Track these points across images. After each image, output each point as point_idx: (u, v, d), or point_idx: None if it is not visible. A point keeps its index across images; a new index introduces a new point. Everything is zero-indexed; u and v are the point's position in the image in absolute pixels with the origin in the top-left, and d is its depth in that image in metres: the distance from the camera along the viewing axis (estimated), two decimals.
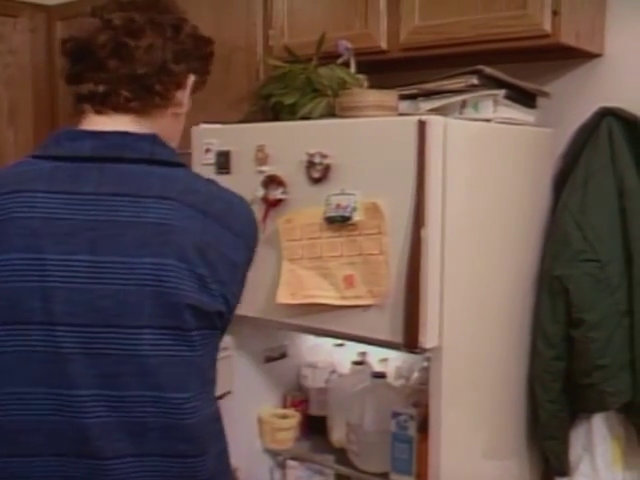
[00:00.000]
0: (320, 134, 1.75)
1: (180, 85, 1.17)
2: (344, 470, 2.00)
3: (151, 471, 1.07)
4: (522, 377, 1.97)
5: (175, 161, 1.14)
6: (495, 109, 1.80)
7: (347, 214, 1.67)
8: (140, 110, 1.14)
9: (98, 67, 1.12)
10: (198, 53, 1.20)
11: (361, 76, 1.93)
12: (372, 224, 1.65)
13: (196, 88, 1.23)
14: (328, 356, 2.25)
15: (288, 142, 1.79)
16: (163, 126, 1.17)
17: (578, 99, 2.04)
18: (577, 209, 1.90)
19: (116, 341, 1.04)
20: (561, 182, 2.00)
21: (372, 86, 1.90)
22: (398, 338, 1.63)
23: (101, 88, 1.12)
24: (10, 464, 1.06)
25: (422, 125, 1.57)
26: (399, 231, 1.62)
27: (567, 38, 1.83)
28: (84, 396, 1.04)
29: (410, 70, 2.11)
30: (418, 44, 1.99)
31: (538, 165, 1.98)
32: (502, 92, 1.80)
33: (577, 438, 1.96)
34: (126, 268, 1.04)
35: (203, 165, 1.95)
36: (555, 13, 1.77)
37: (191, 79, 1.19)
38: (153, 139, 1.13)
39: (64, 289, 1.04)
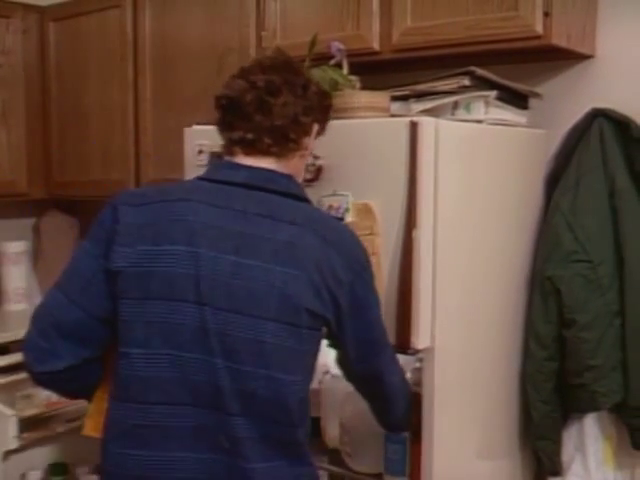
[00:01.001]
0: None
1: (307, 133, 1.46)
2: (337, 471, 1.99)
3: (257, 432, 1.34)
4: (514, 377, 1.98)
5: (303, 196, 1.46)
6: (487, 110, 1.81)
7: (339, 215, 1.67)
8: (279, 153, 1.43)
9: (246, 119, 1.41)
10: (320, 106, 1.49)
11: (353, 77, 1.93)
12: (364, 225, 1.65)
13: (318, 134, 1.52)
14: (321, 357, 2.24)
15: None
16: (293, 165, 1.47)
17: (569, 100, 2.05)
18: (569, 210, 1.91)
19: (244, 326, 1.32)
20: (553, 183, 2.01)
21: (364, 87, 1.90)
22: (390, 339, 1.63)
23: (249, 136, 1.41)
24: (154, 410, 1.34)
25: (414, 126, 1.57)
26: (391, 232, 1.62)
27: (558, 39, 1.84)
28: (219, 364, 1.32)
29: (402, 71, 2.12)
30: (410, 45, 2.00)
31: (530, 166, 1.99)
32: (494, 93, 1.80)
33: (569, 438, 1.97)
34: (260, 271, 1.32)
35: (196, 166, 1.95)
36: (546, 14, 1.78)
37: (315, 127, 1.49)
38: (289, 177, 1.44)
39: (211, 279, 1.32)
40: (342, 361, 1.56)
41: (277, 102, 1.40)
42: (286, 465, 1.38)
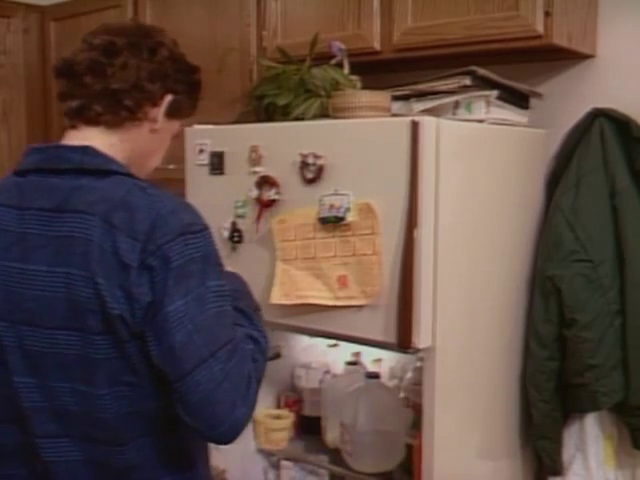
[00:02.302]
0: (313, 135, 1.75)
1: (154, 102, 1.25)
2: (338, 470, 2.00)
3: (75, 451, 1.19)
4: (515, 377, 1.98)
5: (104, 169, 1.20)
6: (488, 110, 1.81)
7: (340, 214, 1.68)
8: (111, 123, 1.23)
9: (76, 83, 1.22)
10: (178, 76, 1.28)
11: (354, 77, 1.94)
12: (365, 224, 1.65)
13: (181, 113, 1.32)
14: (322, 356, 2.25)
15: (281, 143, 1.79)
16: (137, 141, 1.27)
17: (570, 100, 2.05)
18: (569, 209, 1.91)
19: (38, 338, 1.17)
20: (553, 182, 2.01)
21: (365, 87, 1.90)
22: (391, 338, 1.64)
23: (75, 103, 1.23)
24: None
25: (415, 126, 1.57)
26: (392, 231, 1.62)
27: (559, 39, 1.84)
28: (20, 382, 1.19)
29: (403, 71, 2.12)
30: (411, 45, 2.00)
31: (531, 166, 1.99)
32: (495, 93, 1.80)
33: (570, 437, 1.97)
34: (45, 276, 1.16)
35: (197, 166, 1.95)
36: (547, 14, 1.78)
37: (168, 98, 1.26)
38: (84, 149, 1.20)
39: (4, 290, 1.19)
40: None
41: (114, 63, 1.21)
42: None
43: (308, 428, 2.19)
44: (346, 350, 2.18)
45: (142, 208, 1.14)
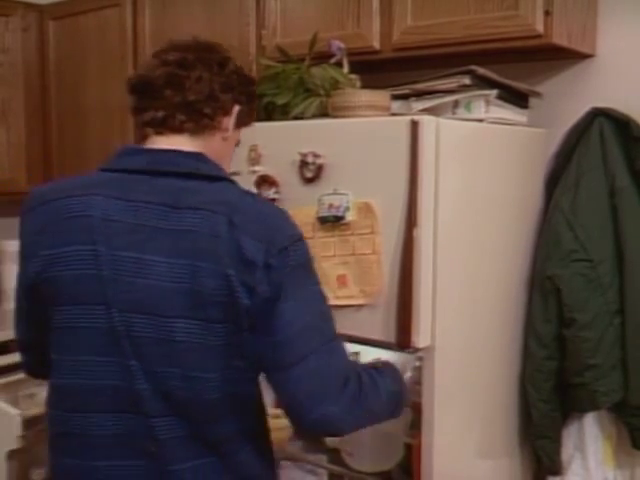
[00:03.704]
0: (313, 134, 1.75)
1: (227, 112, 1.35)
2: (337, 470, 1.99)
3: (179, 428, 1.27)
4: (514, 377, 1.98)
5: (216, 175, 1.31)
6: (487, 109, 1.81)
7: (340, 214, 1.67)
8: (193, 130, 1.33)
9: (156, 96, 1.31)
10: (242, 88, 1.38)
11: (353, 76, 1.93)
12: (365, 224, 1.65)
13: (243, 122, 1.42)
14: None
15: (281, 142, 1.79)
16: (214, 148, 1.36)
17: (570, 99, 2.04)
18: (569, 209, 1.91)
19: (151, 326, 1.23)
20: (553, 182, 2.01)
21: (364, 86, 1.90)
22: (391, 338, 1.63)
23: (160, 114, 1.32)
24: (72, 419, 1.30)
25: (415, 125, 1.57)
26: (392, 231, 1.62)
27: (559, 38, 1.84)
28: (134, 366, 1.25)
29: (402, 70, 2.12)
30: (410, 44, 2.00)
31: (530, 165, 1.99)
32: (494, 92, 1.80)
33: (569, 437, 1.97)
34: (163, 266, 1.22)
35: None
36: (547, 13, 1.78)
37: (236, 109, 1.37)
38: (198, 156, 1.31)
39: (113, 279, 1.24)
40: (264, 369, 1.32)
41: (190, 75, 1.31)
42: (216, 461, 1.31)
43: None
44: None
45: (259, 213, 1.27)
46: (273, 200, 1.79)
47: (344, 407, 1.27)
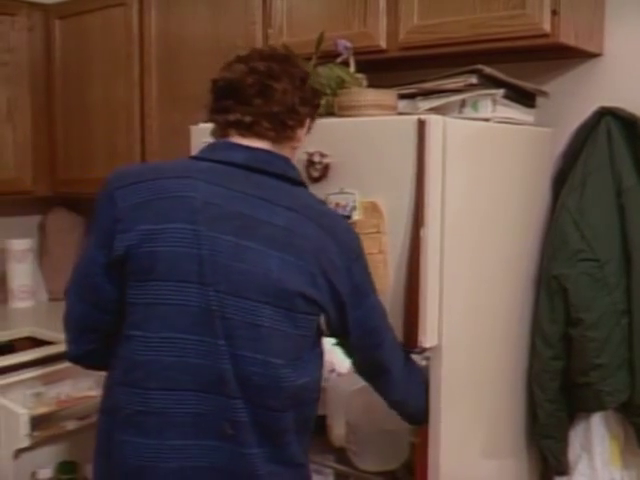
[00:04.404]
0: (319, 133, 1.74)
1: (302, 124, 1.48)
2: (343, 469, 1.99)
3: (251, 416, 1.33)
4: (521, 376, 1.97)
5: (299, 180, 1.46)
6: (494, 108, 1.80)
7: (346, 213, 1.67)
8: (275, 138, 1.43)
9: (246, 102, 1.40)
10: (314, 102, 1.51)
11: (360, 75, 1.93)
12: (371, 223, 1.65)
13: (308, 130, 1.53)
14: (327, 355, 2.24)
15: None
16: (286, 155, 1.46)
17: (577, 99, 2.04)
18: (575, 208, 1.90)
19: (242, 309, 1.31)
20: (560, 181, 2.01)
21: (371, 85, 1.90)
22: (397, 337, 1.63)
23: (247, 118, 1.40)
24: (153, 397, 1.33)
25: (422, 124, 1.57)
26: (398, 230, 1.62)
27: (566, 38, 1.84)
28: (222, 346, 1.31)
29: (409, 69, 2.11)
30: (417, 43, 2.00)
31: (537, 164, 1.98)
32: (501, 92, 1.80)
33: (575, 437, 1.96)
34: (258, 254, 1.31)
35: None
36: (554, 13, 1.78)
37: (308, 121, 1.50)
38: (287, 160, 1.45)
39: (211, 259, 1.31)
40: (347, 352, 1.57)
41: (278, 87, 1.40)
42: (274, 451, 1.37)
43: (314, 427, 2.19)
44: None
45: (338, 221, 1.47)
46: None
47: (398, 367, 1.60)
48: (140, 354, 1.34)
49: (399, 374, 1.59)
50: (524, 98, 1.91)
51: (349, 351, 1.56)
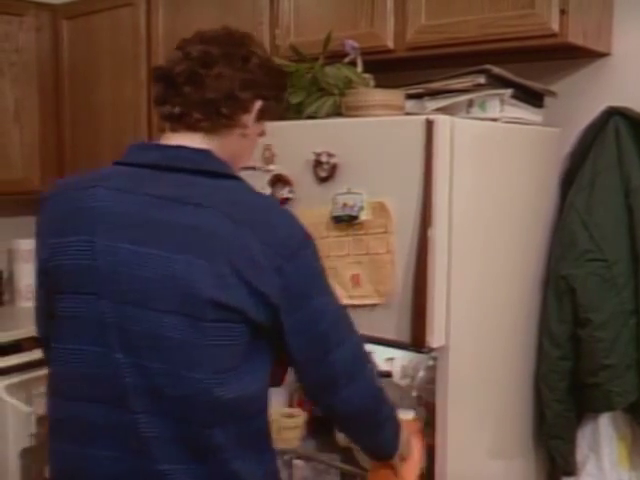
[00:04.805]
0: (327, 133, 1.74)
1: (246, 109, 1.33)
2: (350, 469, 1.99)
3: (166, 429, 1.23)
4: (528, 376, 1.97)
5: (224, 172, 1.30)
6: (502, 108, 1.80)
7: (354, 213, 1.67)
8: (209, 129, 1.31)
9: (175, 92, 1.30)
10: (266, 82, 1.35)
11: (367, 75, 1.93)
12: (379, 223, 1.65)
13: (269, 115, 1.39)
14: None
15: (295, 141, 1.79)
16: (231, 145, 1.34)
17: (585, 98, 2.03)
18: (584, 208, 1.90)
19: (143, 320, 1.21)
20: (568, 181, 2.00)
21: (378, 85, 1.90)
22: (405, 337, 1.63)
23: (177, 110, 1.31)
24: (69, 406, 1.29)
25: (429, 124, 1.57)
26: (406, 230, 1.62)
27: (575, 37, 1.83)
28: (121, 359, 1.23)
29: (416, 69, 2.11)
30: (424, 43, 1.99)
31: (545, 164, 1.98)
32: (509, 91, 1.80)
33: (583, 438, 1.96)
34: (160, 260, 1.20)
35: None
36: (563, 12, 1.77)
37: (258, 104, 1.34)
38: (206, 153, 1.30)
39: (107, 270, 1.23)
40: (294, 369, 1.35)
41: (210, 74, 1.29)
42: (204, 469, 1.25)
43: (320, 427, 2.19)
44: None
45: (265, 212, 1.26)
46: (287, 199, 1.79)
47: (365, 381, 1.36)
48: (56, 365, 1.33)
49: (355, 396, 1.35)
50: (532, 98, 1.91)
51: (295, 367, 1.34)
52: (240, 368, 1.24)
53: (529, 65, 2.01)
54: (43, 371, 2.36)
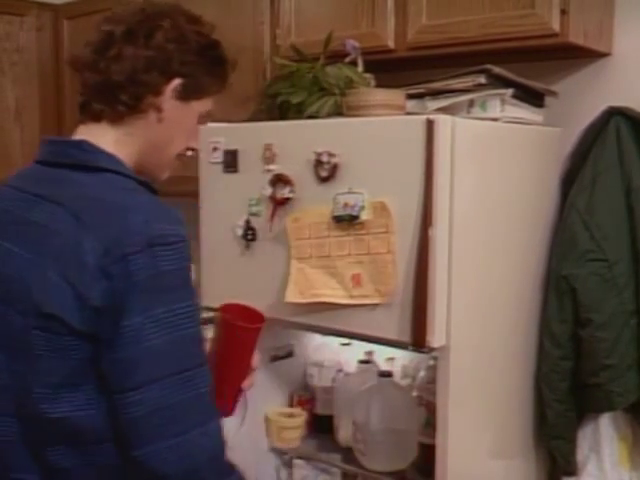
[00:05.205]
0: (327, 133, 1.74)
1: (156, 91, 1.20)
2: (350, 469, 2.00)
3: (19, 435, 1.13)
4: (529, 376, 1.97)
5: (92, 165, 1.17)
6: (502, 108, 1.80)
7: (355, 213, 1.67)
8: (112, 119, 1.20)
9: (80, 80, 1.22)
10: (185, 58, 1.21)
11: (368, 75, 1.93)
12: (380, 223, 1.65)
13: (202, 92, 1.25)
14: (334, 355, 2.25)
15: (295, 141, 1.79)
16: (146, 132, 1.22)
17: (586, 98, 2.03)
18: (584, 208, 1.90)
19: (3, 318, 1.12)
20: (569, 181, 2.00)
21: (379, 85, 1.90)
22: (406, 337, 1.63)
23: (80, 99, 1.22)
24: None
25: (430, 124, 1.57)
26: (407, 230, 1.62)
27: (575, 37, 1.83)
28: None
29: (417, 69, 2.11)
30: (425, 43, 1.99)
31: (546, 164, 1.98)
32: (510, 91, 1.80)
33: (584, 438, 1.96)
34: (15, 258, 1.13)
35: (210, 164, 1.95)
36: (563, 12, 1.77)
37: (174, 83, 1.21)
38: (79, 144, 1.19)
39: None
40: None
41: (106, 55, 1.17)
42: None
43: (320, 427, 2.19)
44: (359, 349, 2.18)
45: (116, 210, 1.09)
46: (288, 199, 1.79)
47: (185, 450, 1.08)
48: None
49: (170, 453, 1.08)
50: (533, 98, 1.91)
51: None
52: (74, 387, 1.09)
53: (530, 65, 2.01)
54: None
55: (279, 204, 1.81)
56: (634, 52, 1.99)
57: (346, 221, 1.69)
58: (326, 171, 1.73)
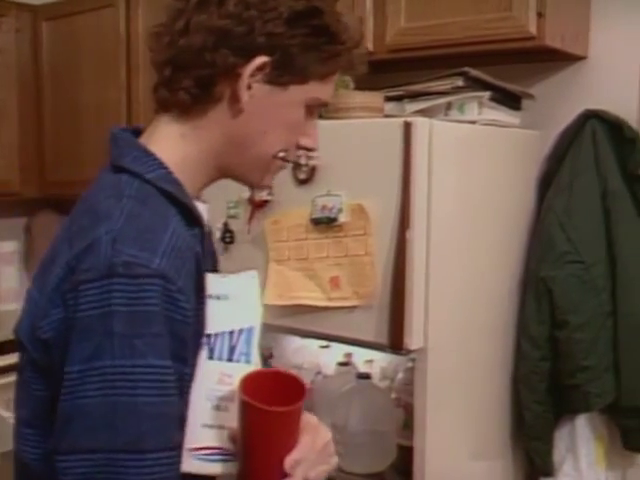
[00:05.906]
0: None
1: (226, 74, 0.93)
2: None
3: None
4: (507, 378, 1.98)
5: (116, 164, 0.96)
6: (480, 111, 1.81)
7: (333, 215, 1.67)
8: (177, 108, 0.97)
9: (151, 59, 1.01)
10: (274, 30, 0.91)
11: (347, 77, 1.93)
12: (358, 225, 1.65)
13: (304, 73, 0.95)
14: (313, 357, 2.24)
15: None
16: (219, 126, 0.96)
17: (563, 101, 2.05)
18: (562, 211, 1.91)
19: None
20: (546, 184, 2.02)
21: (358, 87, 1.89)
22: (383, 339, 1.63)
23: (155, 85, 1.00)
24: None
25: (408, 126, 1.57)
26: (385, 232, 1.62)
27: (552, 40, 1.84)
28: None
29: (396, 71, 2.11)
30: (404, 45, 2.00)
31: (523, 167, 1.99)
32: (487, 94, 1.81)
33: (561, 439, 1.97)
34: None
35: None
36: (540, 15, 1.78)
37: (254, 64, 0.92)
38: (115, 139, 1.00)
39: None
40: None
41: (173, 28, 0.94)
42: None
43: None
44: (338, 351, 2.18)
45: (93, 221, 0.87)
46: (266, 202, 1.79)
47: None
48: None
49: None
50: (510, 101, 1.92)
51: None
52: (44, 428, 0.89)
53: (508, 67, 2.02)
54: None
55: (257, 206, 1.81)
56: (610, 55, 2.00)
57: (324, 223, 1.69)
58: (304, 173, 1.73)
